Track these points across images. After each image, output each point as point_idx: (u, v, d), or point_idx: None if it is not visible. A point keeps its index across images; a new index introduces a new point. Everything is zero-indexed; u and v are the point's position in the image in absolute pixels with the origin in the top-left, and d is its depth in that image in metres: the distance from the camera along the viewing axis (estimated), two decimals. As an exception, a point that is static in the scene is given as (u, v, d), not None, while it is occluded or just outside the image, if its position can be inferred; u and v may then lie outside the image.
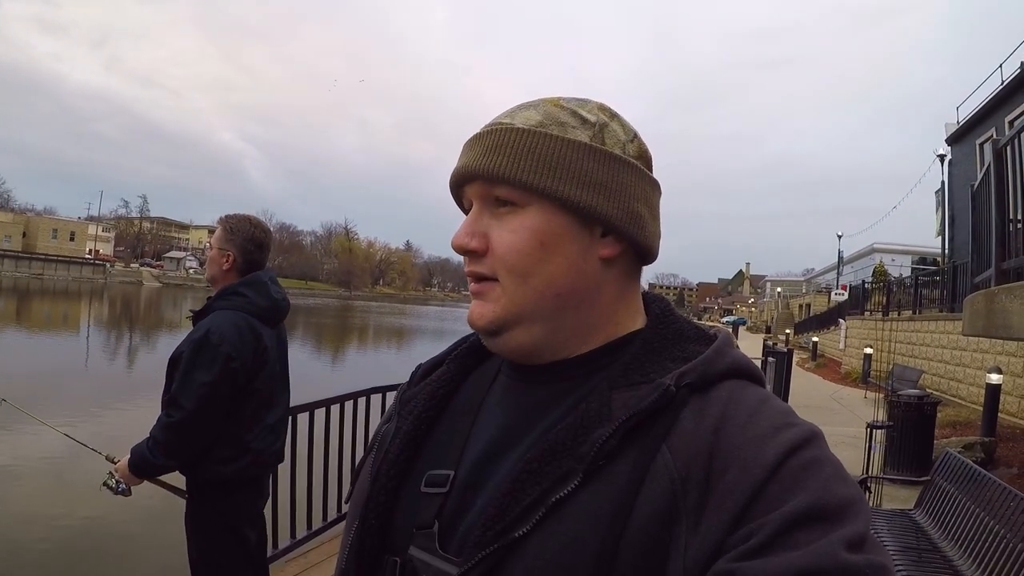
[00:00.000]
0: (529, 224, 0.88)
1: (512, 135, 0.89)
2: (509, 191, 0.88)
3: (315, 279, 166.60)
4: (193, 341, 3.16)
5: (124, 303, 65.78)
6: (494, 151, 0.89)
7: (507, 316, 0.89)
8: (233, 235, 3.40)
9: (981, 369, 12.15)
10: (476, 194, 0.92)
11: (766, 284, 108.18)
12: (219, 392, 3.13)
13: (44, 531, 7.44)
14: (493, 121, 0.94)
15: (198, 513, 3.28)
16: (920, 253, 44.18)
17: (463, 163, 0.92)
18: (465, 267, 0.93)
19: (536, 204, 0.88)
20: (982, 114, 22.05)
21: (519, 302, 0.88)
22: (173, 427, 3.09)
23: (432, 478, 0.90)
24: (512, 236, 0.88)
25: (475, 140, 0.92)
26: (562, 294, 0.89)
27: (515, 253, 0.88)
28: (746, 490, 0.70)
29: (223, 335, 3.17)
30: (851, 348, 25.55)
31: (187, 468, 3.23)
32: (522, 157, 0.87)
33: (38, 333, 32.42)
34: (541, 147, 0.88)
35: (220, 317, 3.23)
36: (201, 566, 3.30)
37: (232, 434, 3.24)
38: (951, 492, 4.87)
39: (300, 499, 5.02)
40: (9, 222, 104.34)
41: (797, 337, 43.70)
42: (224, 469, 3.22)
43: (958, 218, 23.34)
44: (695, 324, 0.96)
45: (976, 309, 5.43)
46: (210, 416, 3.14)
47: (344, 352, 36.01)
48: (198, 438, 3.15)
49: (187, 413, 3.07)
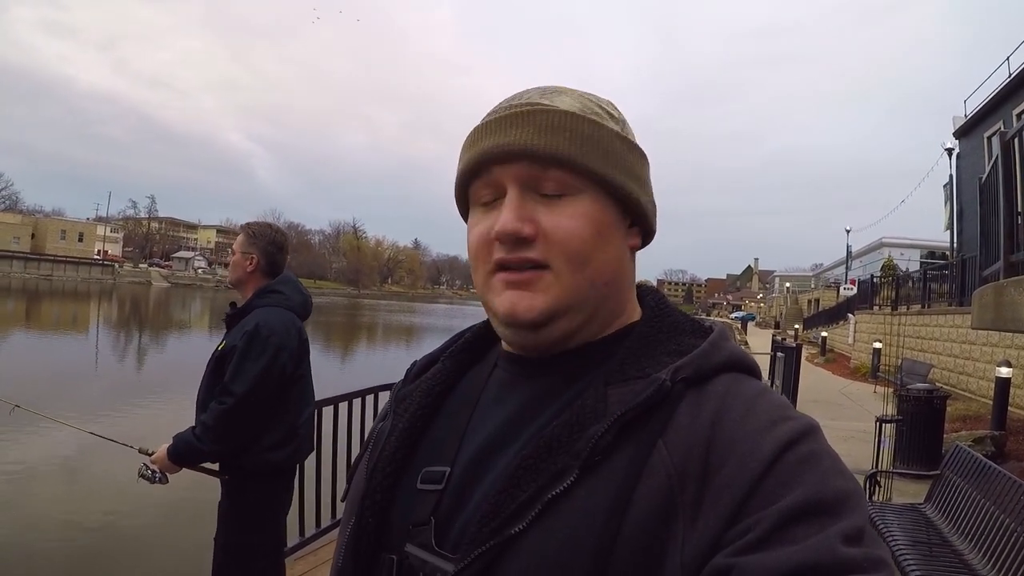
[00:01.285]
0: (587, 211, 0.86)
1: (565, 117, 0.86)
2: (565, 175, 0.85)
3: (324, 278, 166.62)
4: (246, 333, 3.34)
5: (133, 303, 66.00)
6: (549, 130, 0.85)
7: (558, 306, 0.85)
8: (256, 239, 3.58)
9: (990, 363, 12.11)
10: (516, 176, 0.86)
11: (775, 279, 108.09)
12: (268, 381, 3.34)
13: (67, 528, 7.52)
14: (524, 101, 0.90)
15: (238, 502, 3.40)
16: (929, 247, 44.14)
17: (505, 140, 0.86)
18: (502, 254, 0.86)
19: (590, 191, 0.87)
20: (990, 107, 21.94)
21: (572, 291, 0.85)
22: (225, 413, 3.25)
23: (428, 475, 0.89)
24: (572, 222, 0.85)
25: (517, 118, 0.87)
26: (608, 283, 0.89)
27: (576, 240, 0.85)
28: (743, 485, 0.70)
29: (272, 328, 3.38)
30: (860, 343, 25.49)
31: (234, 455, 3.35)
32: (583, 141, 0.86)
33: (49, 334, 32.57)
34: (596, 134, 0.87)
35: (265, 312, 3.45)
36: (227, 552, 3.40)
37: (283, 421, 3.44)
38: (961, 486, 4.87)
39: (309, 496, 5.04)
40: (18, 223, 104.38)
41: (806, 332, 43.60)
42: (275, 456, 3.42)
43: (966, 211, 23.29)
44: (690, 316, 0.96)
45: (985, 302, 5.40)
46: (258, 404, 3.31)
47: (353, 350, 36.11)
48: (247, 425, 3.31)
49: (238, 399, 3.24)
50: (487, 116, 0.91)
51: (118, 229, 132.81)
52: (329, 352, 30.65)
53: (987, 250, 6.17)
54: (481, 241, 0.89)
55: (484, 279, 0.89)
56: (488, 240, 0.87)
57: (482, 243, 0.89)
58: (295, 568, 4.76)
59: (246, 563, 3.39)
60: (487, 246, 0.88)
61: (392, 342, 44.00)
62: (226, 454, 3.33)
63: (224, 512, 3.42)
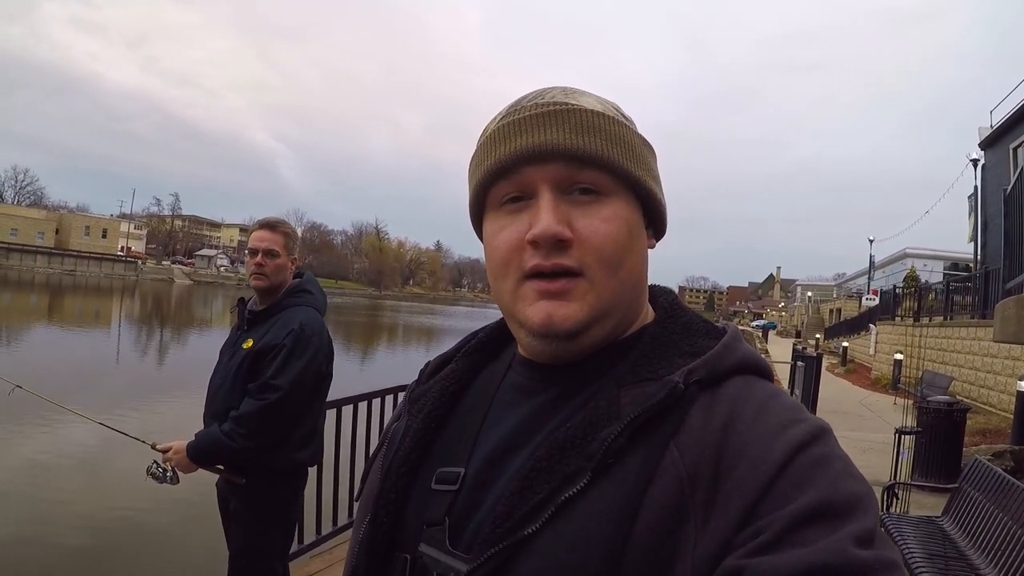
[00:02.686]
0: (620, 213, 0.85)
1: (599, 118, 0.86)
2: (599, 176, 0.85)
3: (345, 278, 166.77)
4: (291, 332, 3.33)
5: (156, 300, 66.35)
6: (585, 131, 0.84)
7: (595, 314, 0.84)
8: (293, 239, 3.60)
9: (1012, 376, 12.00)
10: (550, 177, 0.84)
11: (796, 288, 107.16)
12: (306, 380, 3.35)
13: (80, 521, 7.57)
14: (551, 100, 0.87)
15: (255, 502, 3.36)
16: (952, 258, 43.67)
17: (539, 139, 0.84)
18: (539, 260, 0.83)
19: (621, 192, 0.86)
20: (1015, 118, 21.72)
21: (607, 297, 0.84)
22: (267, 408, 3.23)
23: (443, 475, 0.89)
24: (607, 226, 0.84)
25: (549, 117, 0.85)
26: (636, 284, 0.89)
27: (612, 243, 0.84)
28: (755, 487, 0.70)
29: (314, 328, 3.41)
30: (881, 354, 25.26)
31: (262, 454, 3.31)
32: (616, 142, 0.86)
33: (72, 329, 32.83)
34: (626, 135, 0.87)
35: (303, 313, 3.46)
36: (246, 553, 3.36)
37: (308, 420, 3.47)
38: (979, 500, 4.83)
39: (326, 495, 5.07)
40: (42, 219, 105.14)
41: (827, 342, 43.35)
42: (300, 454, 3.43)
43: (991, 223, 23.03)
44: (703, 318, 0.95)
45: (1007, 315, 5.37)
46: (297, 402, 3.32)
47: (374, 350, 36.11)
48: (282, 422, 3.31)
49: (283, 394, 3.24)
50: (512, 114, 0.89)
51: (142, 226, 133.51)
52: (349, 352, 30.68)
53: (1011, 262, 6.13)
54: (512, 246, 0.86)
55: (513, 287, 0.87)
56: (520, 245, 0.84)
57: (513, 248, 0.85)
58: (310, 566, 4.79)
59: (261, 564, 3.37)
60: (519, 252, 0.85)
61: (412, 343, 43.99)
62: (253, 452, 3.27)
63: (240, 515, 3.36)
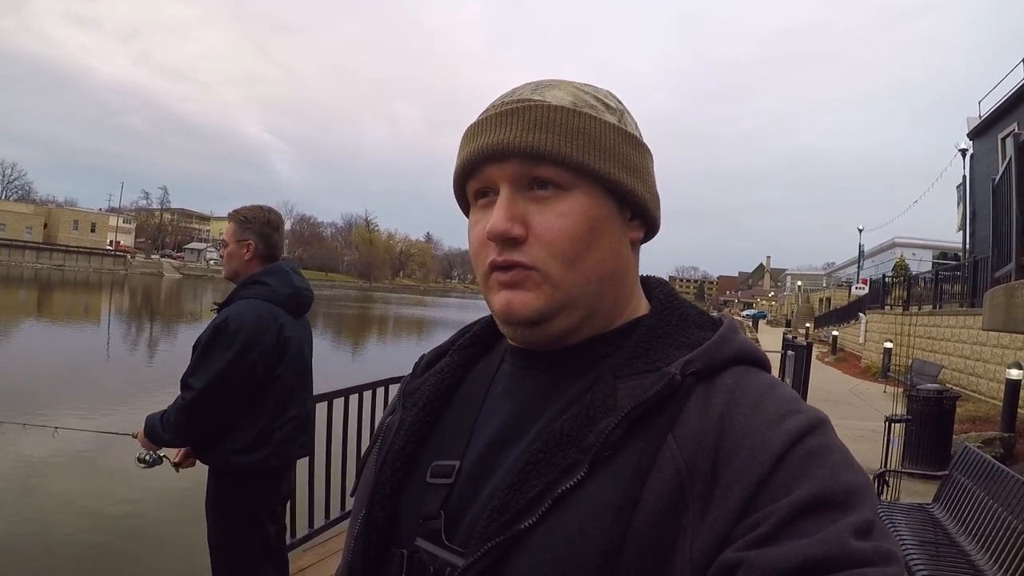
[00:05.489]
0: (579, 207, 0.84)
1: (556, 112, 0.85)
2: (556, 171, 0.84)
3: (335, 271, 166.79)
4: (213, 326, 3.19)
5: (145, 294, 65.99)
6: (538, 127, 0.84)
7: (553, 305, 0.85)
8: (249, 223, 3.41)
9: (1001, 364, 12.05)
10: (508, 175, 0.85)
11: (786, 278, 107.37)
12: (232, 378, 3.15)
13: (80, 521, 7.54)
14: (516, 97, 0.89)
15: (217, 500, 3.30)
16: (941, 248, 43.86)
17: (496, 139, 0.85)
18: (494, 256, 0.86)
19: (582, 186, 0.85)
20: (1004, 108, 21.74)
21: (566, 289, 0.85)
22: (183, 408, 3.14)
23: (438, 469, 0.89)
24: (562, 221, 0.84)
25: (507, 115, 0.86)
26: (604, 278, 0.87)
27: (567, 239, 0.84)
28: (752, 479, 0.70)
29: (242, 322, 3.19)
30: (871, 342, 25.39)
31: (203, 454, 3.26)
32: (572, 136, 0.84)
33: (60, 324, 32.65)
34: (588, 128, 0.86)
35: (242, 305, 3.26)
36: (219, 552, 3.31)
37: (254, 424, 3.24)
38: (969, 487, 4.85)
39: (318, 488, 5.06)
40: (30, 213, 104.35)
41: (817, 331, 43.48)
42: (243, 460, 3.22)
43: (979, 213, 23.14)
44: (699, 309, 0.95)
45: (996, 303, 5.39)
46: (221, 401, 3.16)
47: (363, 342, 36.03)
48: (207, 421, 3.18)
49: (197, 394, 3.11)
50: (481, 114, 0.91)
51: (130, 220, 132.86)
52: (339, 344, 30.64)
53: (999, 251, 6.15)
54: (479, 241, 0.88)
55: (483, 278, 0.89)
56: (485, 240, 0.87)
57: (481, 243, 0.88)
58: (304, 559, 4.78)
59: (237, 561, 3.30)
60: (485, 246, 0.87)
61: (403, 335, 43.84)
62: (182, 446, 3.24)
63: (209, 509, 3.31)
